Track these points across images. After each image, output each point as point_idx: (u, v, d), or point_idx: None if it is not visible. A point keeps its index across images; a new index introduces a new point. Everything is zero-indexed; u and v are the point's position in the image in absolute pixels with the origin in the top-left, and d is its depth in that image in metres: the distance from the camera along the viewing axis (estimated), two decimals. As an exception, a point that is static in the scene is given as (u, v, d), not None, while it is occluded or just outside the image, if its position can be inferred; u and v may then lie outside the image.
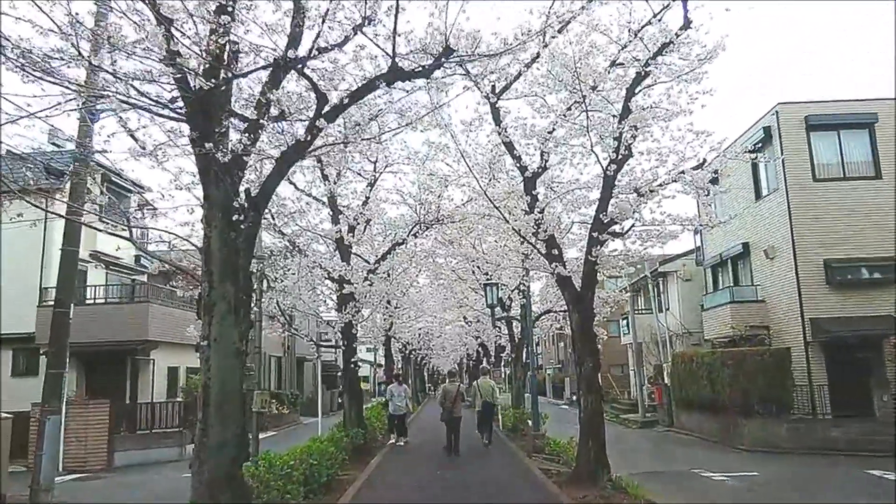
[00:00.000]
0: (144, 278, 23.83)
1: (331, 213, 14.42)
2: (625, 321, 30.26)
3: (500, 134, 10.61)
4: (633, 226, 10.95)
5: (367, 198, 14.88)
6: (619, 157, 10.21)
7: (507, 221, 10.56)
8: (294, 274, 13.70)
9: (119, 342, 18.66)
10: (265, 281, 12.94)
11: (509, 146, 10.82)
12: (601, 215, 10.52)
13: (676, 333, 26.97)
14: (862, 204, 18.89)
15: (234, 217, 5.57)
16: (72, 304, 11.79)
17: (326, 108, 5.80)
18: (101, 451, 17.12)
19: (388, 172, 14.98)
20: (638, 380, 28.24)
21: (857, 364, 18.26)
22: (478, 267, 19.65)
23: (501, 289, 18.88)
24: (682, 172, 10.66)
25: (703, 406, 20.66)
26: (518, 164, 10.87)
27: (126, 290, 21.02)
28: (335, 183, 14.24)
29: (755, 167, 20.61)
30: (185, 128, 5.60)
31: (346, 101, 5.89)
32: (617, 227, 10.91)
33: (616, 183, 10.70)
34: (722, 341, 21.69)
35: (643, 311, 30.21)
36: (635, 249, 11.31)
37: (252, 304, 6.04)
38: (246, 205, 5.63)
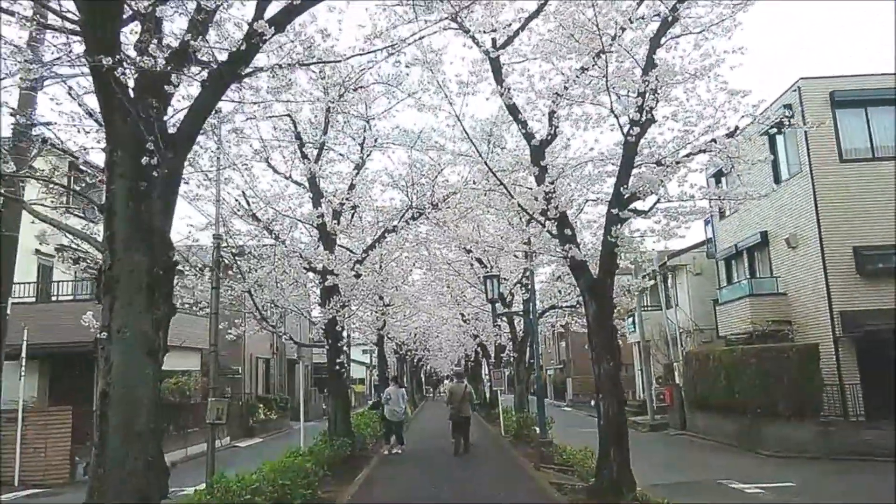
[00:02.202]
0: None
1: (311, 195, 12.86)
2: (630, 318, 28.71)
3: (502, 95, 9.04)
4: (658, 201, 9.43)
5: (353, 183, 13.33)
6: (643, 118, 8.68)
7: (512, 197, 9.00)
8: (270, 265, 12.14)
9: (86, 343, 16.99)
10: (233, 269, 11.39)
11: (513, 109, 9.27)
12: (621, 189, 8.98)
13: (687, 330, 25.43)
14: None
15: (146, 160, 4.01)
16: (9, 300, 10.25)
17: (272, 8, 4.27)
18: (62, 463, 15.52)
19: (377, 150, 13.43)
20: (646, 380, 26.68)
21: (892, 361, 16.72)
22: (477, 259, 18.14)
23: (502, 283, 17.34)
24: (713, 141, 9.19)
25: (719, 407, 19.13)
26: (524, 131, 9.31)
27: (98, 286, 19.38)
28: (316, 162, 12.70)
29: (773, 149, 19.06)
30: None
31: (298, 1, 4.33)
32: (639, 204, 9.40)
33: (638, 151, 9.20)
34: (739, 338, 20.15)
35: (650, 308, 28.67)
36: (659, 230, 9.79)
37: (174, 284, 4.46)
38: (163, 145, 4.07)
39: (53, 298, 18.87)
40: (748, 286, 20.29)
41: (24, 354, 15.09)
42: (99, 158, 9.53)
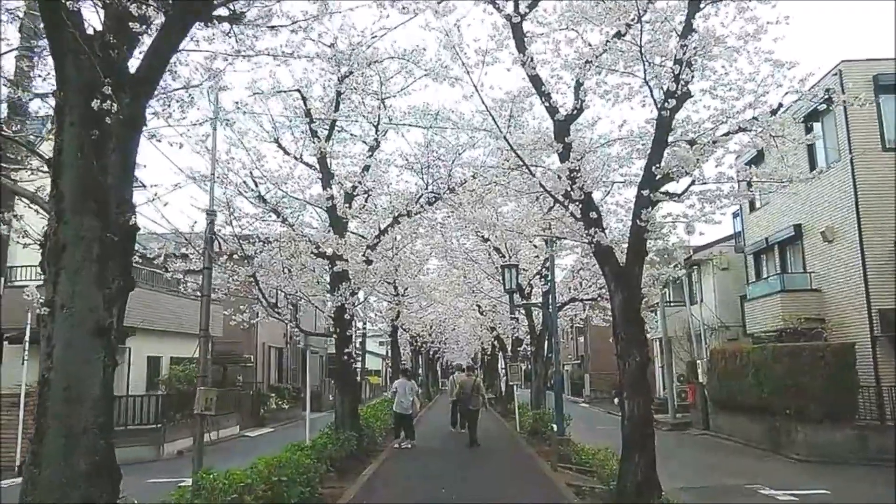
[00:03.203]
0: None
1: (320, 176, 12.21)
2: (650, 314, 27.75)
3: (524, 64, 8.29)
4: (692, 183, 8.63)
5: (367, 165, 12.65)
6: (679, 89, 7.89)
7: (533, 175, 8.26)
8: (275, 249, 11.51)
9: (91, 327, 16.59)
10: (238, 253, 10.78)
11: (536, 80, 8.51)
12: (653, 168, 8.21)
13: (712, 327, 24.49)
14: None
15: (97, 104, 3.35)
16: (2, 281, 9.77)
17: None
18: (64, 450, 15.09)
19: (392, 129, 12.73)
20: (668, 377, 25.80)
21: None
22: (495, 249, 17.42)
23: (521, 273, 16.61)
24: (755, 118, 8.39)
25: (746, 407, 18.26)
26: (547, 104, 8.55)
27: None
28: (327, 141, 12.04)
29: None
30: None
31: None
32: (671, 187, 8.62)
33: (672, 128, 8.42)
34: (770, 335, 19.22)
35: (673, 304, 27.73)
36: (693, 214, 8.99)
37: (133, 254, 3.78)
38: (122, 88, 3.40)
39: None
40: (779, 281, 19.35)
41: (27, 338, 14.71)
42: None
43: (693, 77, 8.16)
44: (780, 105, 8.74)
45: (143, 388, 18.33)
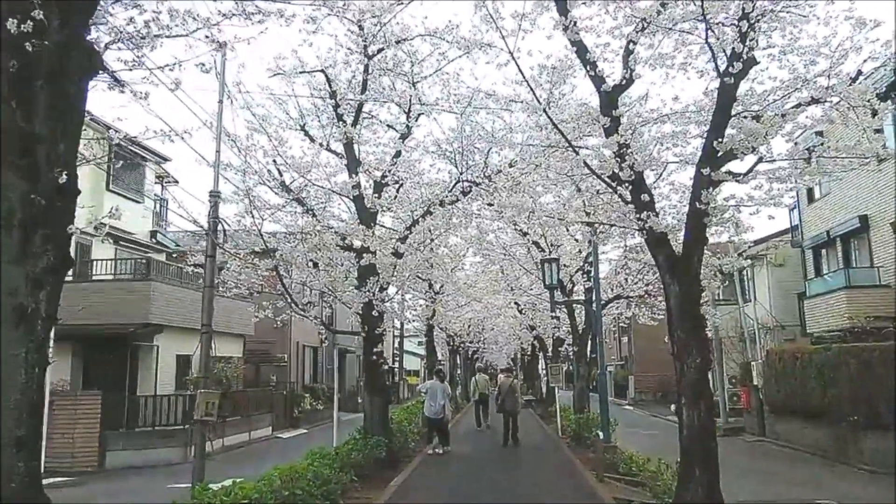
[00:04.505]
0: (162, 258, 21.50)
1: (346, 164, 11.46)
2: (710, 309, 26.32)
3: (566, 29, 7.36)
4: (759, 161, 7.58)
5: (399, 151, 11.86)
6: (745, 51, 6.87)
7: (576, 152, 7.33)
8: (297, 242, 10.80)
9: (118, 325, 16.22)
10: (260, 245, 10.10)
11: (580, 47, 7.59)
12: (715, 143, 7.19)
13: (767, 327, 23.03)
14: None
15: (17, 27, 2.58)
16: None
17: None
18: (90, 450, 14.74)
19: (424, 115, 11.92)
20: (719, 380, 24.38)
21: None
22: (534, 243, 16.47)
23: (562, 269, 15.61)
24: (829, 88, 7.33)
25: (807, 413, 16.89)
26: (592, 73, 7.61)
27: (134, 267, 18.64)
28: (354, 125, 11.30)
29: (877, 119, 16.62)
30: None
31: None
32: (734, 165, 7.60)
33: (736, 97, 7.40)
34: (834, 335, 17.79)
35: (723, 302, 26.25)
36: (760, 197, 7.94)
37: (70, 222, 3.00)
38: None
39: (93, 278, 18.16)
40: (844, 277, 17.90)
41: (52, 336, 14.33)
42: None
43: (757, 42, 7.15)
44: (860, 73, 7.67)
45: (172, 388, 17.88)
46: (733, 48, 6.87)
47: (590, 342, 17.01)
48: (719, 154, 7.27)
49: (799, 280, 22.16)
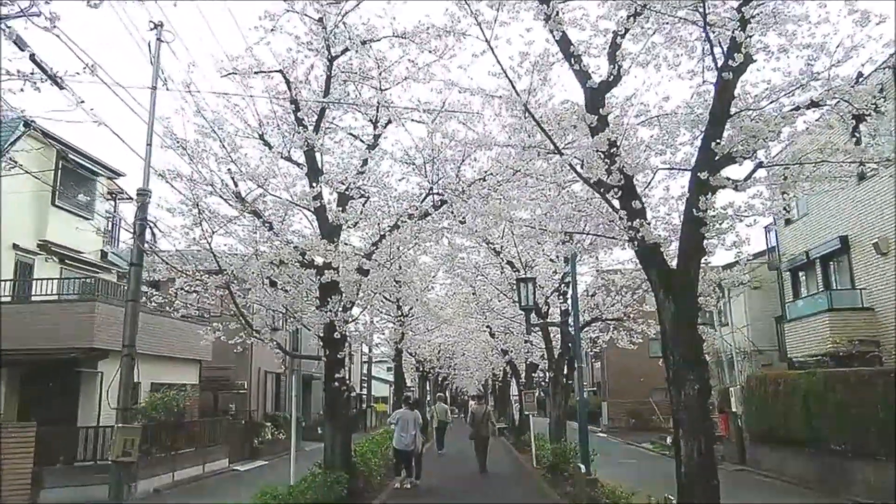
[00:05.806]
0: (114, 278, 20.21)
1: (307, 173, 10.56)
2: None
3: (549, 19, 6.62)
4: (759, 165, 6.90)
5: (366, 160, 10.97)
6: (745, 45, 6.21)
7: (559, 152, 6.55)
8: (251, 254, 9.83)
9: (58, 349, 14.92)
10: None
11: (563, 41, 6.86)
12: (713, 145, 6.49)
13: (744, 351, 22.51)
14: None
15: None
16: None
17: None
18: (22, 487, 13.31)
19: (392, 118, 11.06)
20: (696, 406, 23.73)
21: None
22: (508, 263, 15.69)
23: (537, 290, 14.80)
24: (830, 90, 6.71)
25: (791, 441, 16.22)
26: (577, 68, 6.88)
27: (81, 287, 17.35)
28: (315, 131, 10.42)
29: (856, 137, 16.27)
30: None
31: None
32: (732, 171, 6.89)
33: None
34: (817, 359, 17.26)
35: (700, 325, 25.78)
36: (760, 205, 7.25)
37: None
38: None
39: (33, 299, 16.81)
40: (827, 300, 17.42)
41: (-18, 361, 13.07)
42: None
43: (757, 33, 6.52)
44: (860, 74, 7.12)
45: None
46: (733, 37, 6.19)
47: (567, 367, 16.18)
48: (717, 157, 6.57)
49: (776, 303, 21.71)
